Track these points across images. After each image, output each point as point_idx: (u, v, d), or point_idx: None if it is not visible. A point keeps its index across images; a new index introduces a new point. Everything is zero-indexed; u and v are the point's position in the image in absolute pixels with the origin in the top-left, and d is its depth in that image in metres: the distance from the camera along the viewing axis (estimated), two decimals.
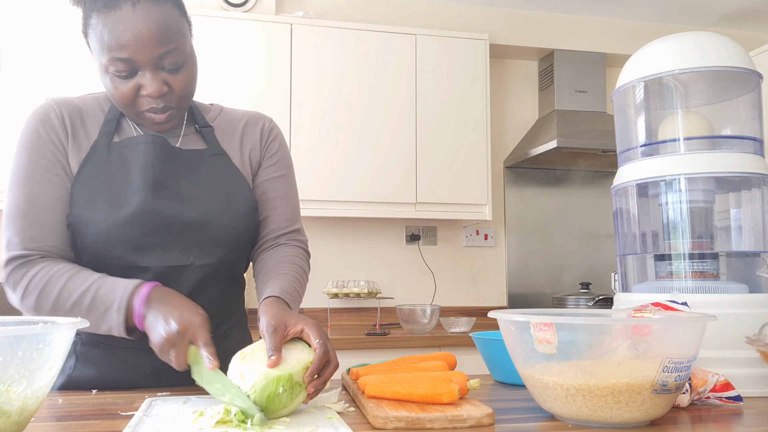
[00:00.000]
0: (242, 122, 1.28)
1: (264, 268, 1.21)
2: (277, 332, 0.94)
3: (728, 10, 3.60)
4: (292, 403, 0.88)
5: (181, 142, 1.21)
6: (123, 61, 1.05)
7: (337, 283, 3.09)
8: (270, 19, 3.02)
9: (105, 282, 1.06)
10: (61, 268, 1.08)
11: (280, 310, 1.01)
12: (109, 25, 1.04)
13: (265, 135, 1.29)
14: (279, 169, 1.29)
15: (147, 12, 1.05)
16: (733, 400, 1.00)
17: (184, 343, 0.95)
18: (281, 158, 1.30)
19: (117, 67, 1.06)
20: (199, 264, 1.15)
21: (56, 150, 1.13)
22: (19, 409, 0.71)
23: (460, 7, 3.53)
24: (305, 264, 1.25)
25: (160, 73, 1.09)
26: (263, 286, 1.15)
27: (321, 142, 3.01)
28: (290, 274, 1.17)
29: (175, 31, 1.08)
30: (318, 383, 0.91)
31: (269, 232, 1.26)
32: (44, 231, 1.10)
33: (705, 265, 1.22)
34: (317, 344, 0.93)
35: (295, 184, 1.33)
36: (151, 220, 1.11)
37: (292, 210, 1.29)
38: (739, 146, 1.28)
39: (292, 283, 1.14)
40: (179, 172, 1.17)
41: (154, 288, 1.04)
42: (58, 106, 1.15)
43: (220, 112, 1.29)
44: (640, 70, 1.28)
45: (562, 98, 3.48)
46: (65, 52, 2.77)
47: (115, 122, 1.18)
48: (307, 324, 0.97)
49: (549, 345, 0.86)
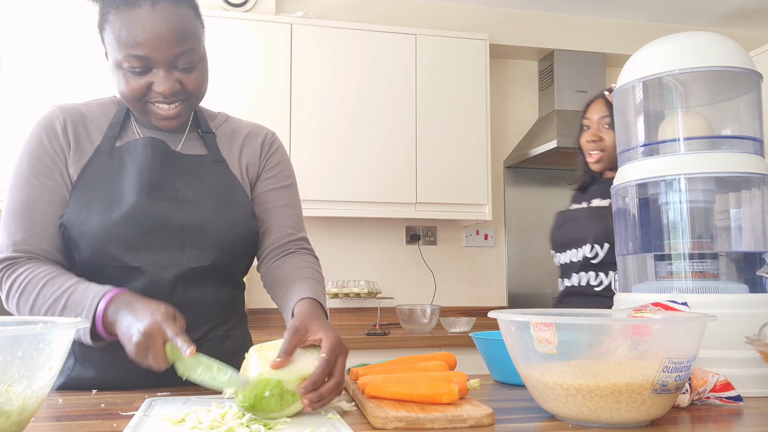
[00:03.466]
0: (244, 132, 1.29)
1: (281, 274, 1.19)
2: (297, 335, 0.93)
3: (728, 10, 3.60)
4: (282, 410, 0.87)
5: (182, 146, 1.23)
6: (138, 58, 1.07)
7: (337, 283, 3.09)
8: (270, 19, 3.02)
9: (78, 288, 1.06)
10: (42, 271, 1.08)
11: (312, 314, 1.01)
12: (128, 22, 1.06)
13: (266, 147, 1.29)
14: (280, 180, 1.28)
15: (166, 12, 1.07)
16: (733, 400, 1.00)
17: (157, 344, 0.94)
18: (282, 170, 1.29)
19: (131, 64, 1.07)
20: (193, 266, 1.15)
21: (56, 157, 1.14)
22: (19, 409, 0.71)
23: (460, 7, 3.53)
24: (320, 270, 1.24)
25: (173, 72, 1.10)
26: (288, 290, 1.13)
27: (321, 142, 3.01)
28: (314, 279, 1.16)
29: (191, 32, 1.10)
30: (314, 396, 0.88)
31: (274, 241, 1.25)
32: (34, 233, 1.11)
33: (705, 265, 1.22)
34: (322, 359, 0.91)
35: (298, 195, 1.32)
36: (145, 220, 1.12)
37: (296, 219, 1.28)
38: (739, 146, 1.28)
39: (318, 287, 1.14)
40: (176, 175, 1.17)
41: (116, 297, 1.03)
42: (63, 113, 1.17)
43: (225, 121, 1.30)
44: (640, 70, 1.28)
45: (562, 98, 3.48)
46: (65, 52, 2.77)
47: (119, 126, 1.19)
48: (327, 335, 0.94)
49: (549, 345, 0.86)
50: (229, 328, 1.27)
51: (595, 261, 1.95)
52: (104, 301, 1.02)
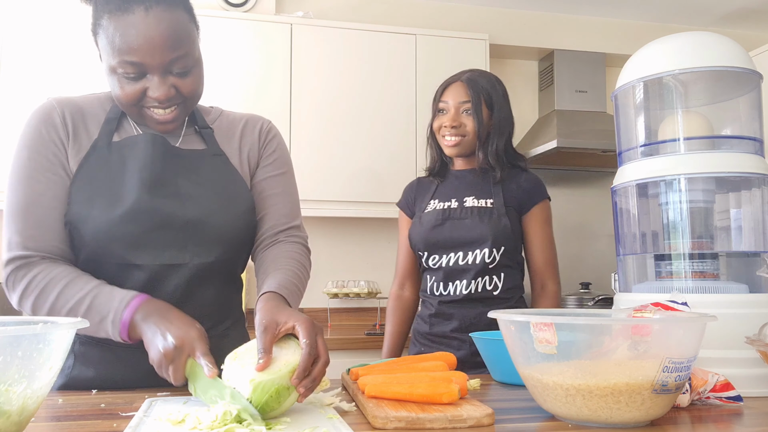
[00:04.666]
0: (241, 123, 1.29)
1: (263, 265, 1.20)
2: (268, 331, 0.93)
3: (728, 10, 3.60)
4: (281, 406, 0.88)
5: (181, 142, 1.23)
6: (132, 64, 1.06)
7: (337, 283, 3.09)
8: (270, 19, 3.02)
9: (102, 291, 1.07)
10: (61, 271, 1.09)
11: (274, 306, 0.99)
12: (121, 28, 1.05)
13: (263, 135, 1.30)
14: (276, 168, 1.29)
15: (159, 18, 1.06)
16: (733, 400, 1.00)
17: (183, 357, 0.96)
18: (279, 157, 1.30)
19: (126, 70, 1.07)
20: (195, 263, 1.16)
21: (57, 149, 1.13)
22: (19, 409, 0.71)
23: (460, 7, 3.53)
24: (305, 259, 1.24)
25: (168, 77, 1.10)
26: (262, 283, 1.14)
27: (321, 142, 3.01)
28: (288, 269, 1.15)
29: (186, 36, 1.10)
30: (307, 382, 0.89)
31: (267, 230, 1.25)
32: (44, 231, 1.10)
33: (705, 265, 1.22)
34: (304, 344, 0.91)
35: (294, 182, 1.33)
36: (148, 217, 1.12)
37: (291, 207, 1.29)
38: (739, 146, 1.28)
39: (289, 277, 1.13)
40: (178, 171, 1.17)
41: (145, 302, 1.05)
42: (60, 105, 1.16)
43: (220, 115, 1.31)
44: (640, 70, 1.28)
45: (562, 98, 3.48)
46: (65, 51, 2.77)
47: (116, 121, 1.19)
48: (298, 321, 0.94)
49: (549, 345, 0.86)
50: (227, 327, 1.27)
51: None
52: (131, 307, 1.03)
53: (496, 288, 1.76)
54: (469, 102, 1.79)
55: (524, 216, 1.81)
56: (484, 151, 1.81)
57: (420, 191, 1.94)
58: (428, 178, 1.95)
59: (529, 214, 1.80)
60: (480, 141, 1.80)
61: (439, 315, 1.80)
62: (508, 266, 1.78)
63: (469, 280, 1.75)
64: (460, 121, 1.80)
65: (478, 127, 1.78)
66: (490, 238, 1.73)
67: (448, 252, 1.78)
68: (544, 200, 1.83)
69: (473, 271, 1.75)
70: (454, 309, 1.78)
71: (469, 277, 1.75)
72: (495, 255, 1.74)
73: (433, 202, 1.86)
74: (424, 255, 1.83)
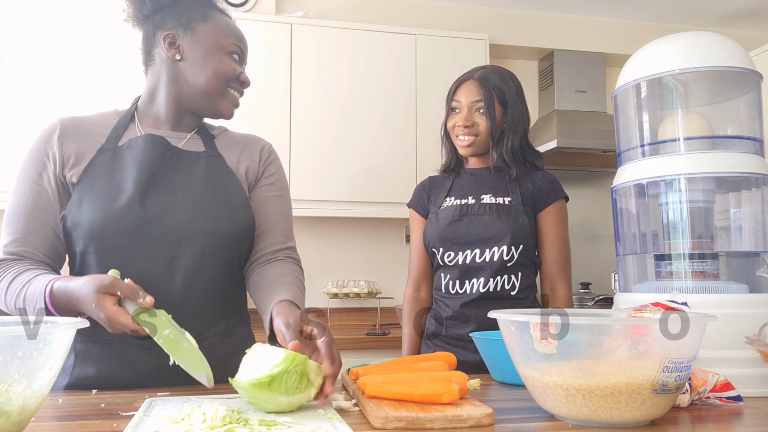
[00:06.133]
0: (243, 141, 1.36)
1: (266, 278, 1.25)
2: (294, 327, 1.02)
3: (728, 10, 3.60)
4: (292, 395, 0.89)
5: (182, 144, 1.28)
6: (240, 48, 1.29)
7: (337, 283, 3.09)
8: (270, 19, 3.02)
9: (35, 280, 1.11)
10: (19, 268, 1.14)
11: (296, 311, 1.09)
12: (220, 24, 1.27)
13: (264, 155, 1.36)
14: (276, 189, 1.35)
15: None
16: (733, 400, 1.00)
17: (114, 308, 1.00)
18: (278, 180, 1.37)
19: (235, 50, 1.28)
20: (188, 256, 1.18)
21: (48, 164, 1.20)
22: (19, 409, 0.71)
23: (460, 7, 3.53)
24: (303, 280, 1.31)
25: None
26: (269, 293, 1.19)
27: (321, 142, 3.01)
28: (296, 286, 1.23)
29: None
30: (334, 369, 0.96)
31: (265, 246, 1.31)
32: (24, 237, 1.18)
33: (705, 265, 1.22)
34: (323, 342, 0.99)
35: (290, 206, 1.39)
36: (143, 213, 1.16)
37: (288, 229, 1.36)
38: (739, 146, 1.28)
39: (298, 294, 1.21)
40: (174, 169, 1.23)
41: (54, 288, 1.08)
42: (61, 123, 1.23)
43: (223, 132, 1.37)
44: (640, 70, 1.28)
45: (562, 98, 3.48)
46: (65, 52, 2.77)
47: (123, 129, 1.25)
48: (316, 325, 1.04)
49: (549, 345, 0.86)
50: (229, 326, 1.27)
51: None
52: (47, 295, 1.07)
53: (514, 287, 1.72)
54: (481, 101, 1.77)
55: (539, 214, 1.77)
56: (498, 150, 1.78)
57: (434, 189, 1.91)
58: (441, 175, 1.93)
59: (544, 213, 1.76)
60: (493, 140, 1.78)
61: (456, 318, 1.74)
62: (526, 265, 1.74)
63: (487, 278, 1.71)
64: (473, 121, 1.77)
65: (491, 125, 1.76)
66: (509, 236, 1.70)
67: (464, 249, 1.74)
68: (560, 199, 1.78)
69: (490, 269, 1.71)
70: (471, 311, 1.72)
71: (487, 275, 1.71)
72: (513, 253, 1.71)
73: (449, 199, 1.83)
74: (440, 252, 1.78)
